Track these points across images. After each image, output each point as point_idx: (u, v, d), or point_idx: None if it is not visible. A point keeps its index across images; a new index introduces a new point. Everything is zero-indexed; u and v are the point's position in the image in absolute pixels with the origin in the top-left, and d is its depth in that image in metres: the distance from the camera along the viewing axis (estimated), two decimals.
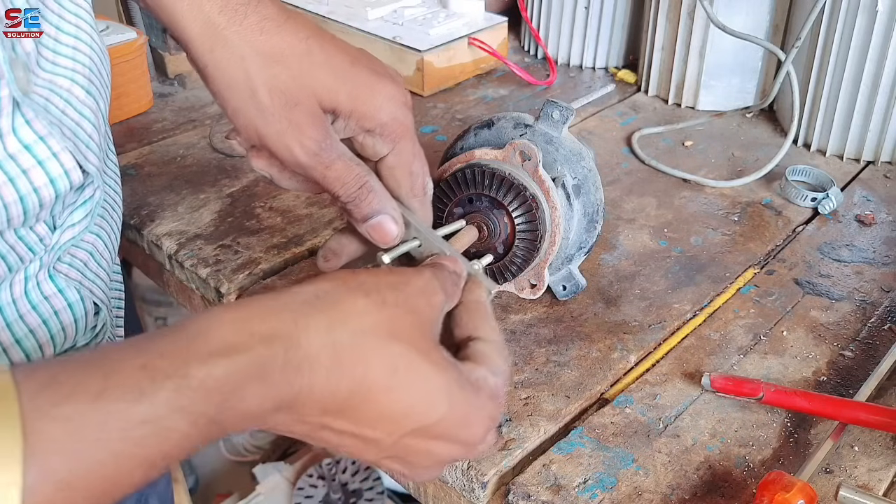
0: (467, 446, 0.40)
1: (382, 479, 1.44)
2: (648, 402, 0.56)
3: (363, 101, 0.48)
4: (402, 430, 0.37)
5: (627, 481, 0.50)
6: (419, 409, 0.37)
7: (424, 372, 0.37)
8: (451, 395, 0.38)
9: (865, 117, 0.82)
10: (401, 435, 0.38)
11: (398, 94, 0.49)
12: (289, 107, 0.46)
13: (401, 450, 0.38)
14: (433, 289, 0.41)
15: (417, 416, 0.37)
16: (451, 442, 0.39)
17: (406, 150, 0.50)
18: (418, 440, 0.38)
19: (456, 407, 0.38)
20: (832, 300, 0.65)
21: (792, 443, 0.53)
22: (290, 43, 0.47)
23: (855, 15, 0.78)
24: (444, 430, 0.38)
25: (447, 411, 0.38)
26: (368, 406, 0.36)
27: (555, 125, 0.61)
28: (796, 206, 0.77)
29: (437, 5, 1.06)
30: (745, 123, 0.92)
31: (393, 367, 0.36)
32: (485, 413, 0.39)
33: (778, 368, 0.58)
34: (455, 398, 0.38)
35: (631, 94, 0.98)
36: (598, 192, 0.63)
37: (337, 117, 0.49)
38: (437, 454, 0.39)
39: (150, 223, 0.74)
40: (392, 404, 0.37)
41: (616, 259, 0.70)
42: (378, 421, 0.37)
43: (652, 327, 0.62)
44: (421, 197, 0.51)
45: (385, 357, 0.36)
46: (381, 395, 0.36)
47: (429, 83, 0.96)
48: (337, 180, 0.48)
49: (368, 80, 0.48)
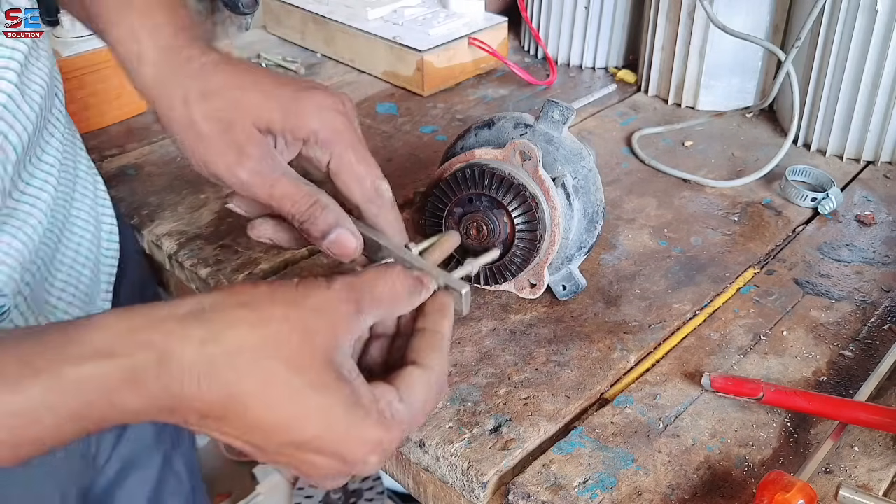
0: (346, 464, 0.40)
1: (382, 479, 1.44)
2: (648, 402, 0.56)
3: (293, 112, 0.49)
4: (279, 440, 0.38)
5: (627, 481, 0.50)
6: (293, 425, 0.38)
7: (299, 390, 0.38)
8: (330, 414, 0.38)
9: (865, 117, 0.82)
10: (279, 444, 0.39)
11: (328, 101, 0.50)
12: (225, 130, 0.48)
13: (284, 458, 0.40)
14: (335, 306, 0.41)
15: (291, 432, 0.38)
16: (330, 458, 0.39)
17: (346, 154, 0.50)
18: (298, 452, 0.39)
19: (334, 427, 0.38)
20: (832, 300, 0.65)
21: (792, 443, 0.53)
22: (226, 79, 0.50)
23: (855, 15, 0.78)
24: (321, 447, 0.39)
25: (323, 430, 0.38)
26: (245, 416, 0.38)
27: (555, 125, 0.61)
28: (796, 206, 0.77)
29: (437, 5, 1.06)
30: (745, 123, 0.92)
31: (265, 382, 0.37)
32: (367, 437, 0.39)
33: (778, 368, 0.58)
34: (335, 418, 0.38)
35: (631, 94, 0.98)
36: (598, 192, 0.63)
37: (275, 136, 0.50)
38: (320, 466, 0.40)
39: (150, 223, 0.74)
40: (266, 418, 0.38)
41: (616, 259, 0.70)
42: (255, 430, 0.38)
43: (652, 327, 0.62)
44: (377, 200, 0.51)
45: (257, 373, 0.37)
46: (256, 408, 0.37)
47: (429, 83, 0.96)
48: (285, 198, 0.49)
49: (296, 93, 0.50)
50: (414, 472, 0.55)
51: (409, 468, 0.55)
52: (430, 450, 0.52)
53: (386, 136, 0.89)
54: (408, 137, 0.89)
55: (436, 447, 0.52)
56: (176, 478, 0.80)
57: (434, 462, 0.52)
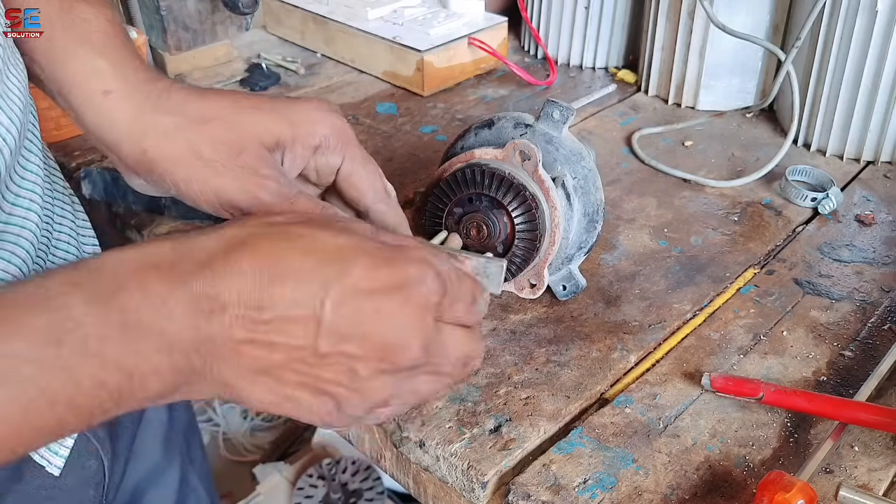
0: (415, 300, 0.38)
1: (382, 478, 1.44)
2: (648, 402, 0.56)
3: (300, 122, 0.49)
4: (324, 291, 0.36)
5: (627, 481, 0.50)
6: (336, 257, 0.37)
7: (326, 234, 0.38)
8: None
9: (865, 117, 0.82)
10: (324, 297, 0.36)
11: (325, 106, 0.51)
12: (235, 154, 0.47)
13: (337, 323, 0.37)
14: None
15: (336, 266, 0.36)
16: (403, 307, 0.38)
17: (357, 155, 0.51)
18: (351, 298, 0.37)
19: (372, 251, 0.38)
20: (832, 300, 0.65)
21: (792, 443, 0.53)
22: (216, 103, 0.49)
23: (855, 15, 0.78)
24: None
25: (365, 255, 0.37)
26: (278, 283, 0.35)
27: (555, 125, 0.61)
28: (796, 206, 0.77)
29: (437, 5, 1.06)
30: (745, 123, 0.92)
31: (286, 235, 0.37)
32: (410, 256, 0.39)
33: (778, 368, 0.58)
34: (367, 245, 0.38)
35: (631, 94, 0.98)
36: (598, 192, 0.63)
37: (283, 151, 0.50)
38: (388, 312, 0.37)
39: (149, 223, 0.73)
40: (304, 262, 0.36)
41: (616, 259, 0.70)
42: (296, 287, 0.36)
43: (652, 327, 0.62)
44: (387, 199, 0.52)
45: (274, 236, 0.37)
46: (292, 257, 0.36)
47: (429, 83, 0.96)
48: (305, 213, 0.48)
49: (296, 105, 0.50)
50: (414, 472, 0.55)
51: (408, 468, 0.55)
52: (429, 450, 0.52)
53: (386, 136, 0.89)
54: (408, 137, 0.89)
55: (436, 447, 0.52)
56: (194, 494, 0.79)
57: (434, 462, 0.52)
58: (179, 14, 0.97)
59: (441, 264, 0.39)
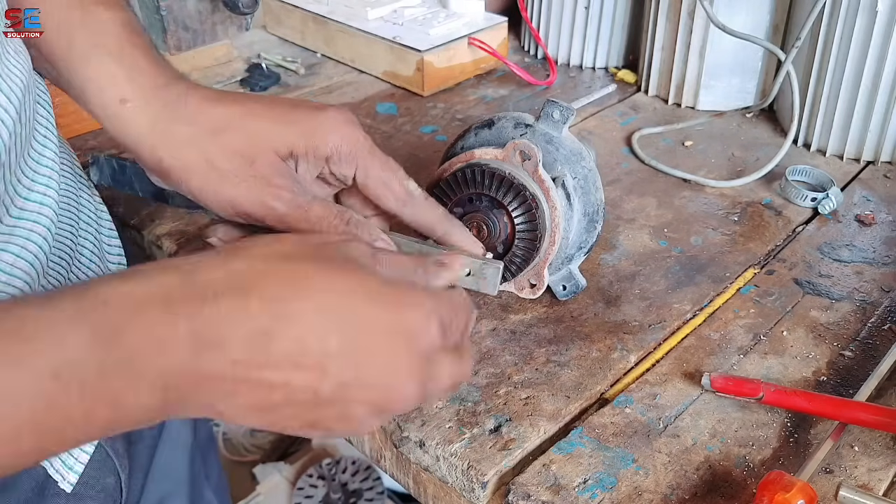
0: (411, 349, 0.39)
1: (382, 478, 1.44)
2: (648, 402, 0.56)
3: (312, 133, 0.49)
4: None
5: (627, 481, 0.50)
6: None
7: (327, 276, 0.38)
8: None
9: (865, 117, 0.82)
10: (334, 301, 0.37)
11: (341, 116, 0.50)
12: (248, 164, 0.48)
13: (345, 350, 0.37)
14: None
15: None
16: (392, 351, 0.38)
17: (371, 164, 0.50)
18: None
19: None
20: (832, 300, 0.65)
21: (792, 443, 0.53)
22: (230, 111, 0.49)
23: (855, 15, 0.78)
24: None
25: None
26: (283, 329, 0.36)
27: (555, 125, 0.61)
28: (796, 206, 0.77)
29: (437, 5, 1.06)
30: (745, 123, 0.92)
31: (292, 278, 0.37)
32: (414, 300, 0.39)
33: (778, 368, 0.58)
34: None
35: (631, 94, 0.98)
36: (599, 192, 0.63)
37: (296, 160, 0.50)
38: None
39: (150, 223, 0.74)
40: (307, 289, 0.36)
41: (616, 259, 0.70)
42: (301, 334, 0.36)
43: (652, 327, 0.62)
44: (408, 200, 0.51)
45: (281, 279, 0.37)
46: (297, 303, 0.36)
47: (429, 83, 0.96)
48: (322, 220, 0.48)
49: (310, 114, 0.50)
50: (414, 472, 0.55)
51: (408, 468, 0.55)
52: (429, 450, 0.52)
53: (386, 136, 0.89)
54: (408, 137, 0.89)
55: (436, 447, 0.52)
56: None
57: (434, 462, 0.52)
58: (179, 14, 0.97)
59: (440, 305, 0.40)
